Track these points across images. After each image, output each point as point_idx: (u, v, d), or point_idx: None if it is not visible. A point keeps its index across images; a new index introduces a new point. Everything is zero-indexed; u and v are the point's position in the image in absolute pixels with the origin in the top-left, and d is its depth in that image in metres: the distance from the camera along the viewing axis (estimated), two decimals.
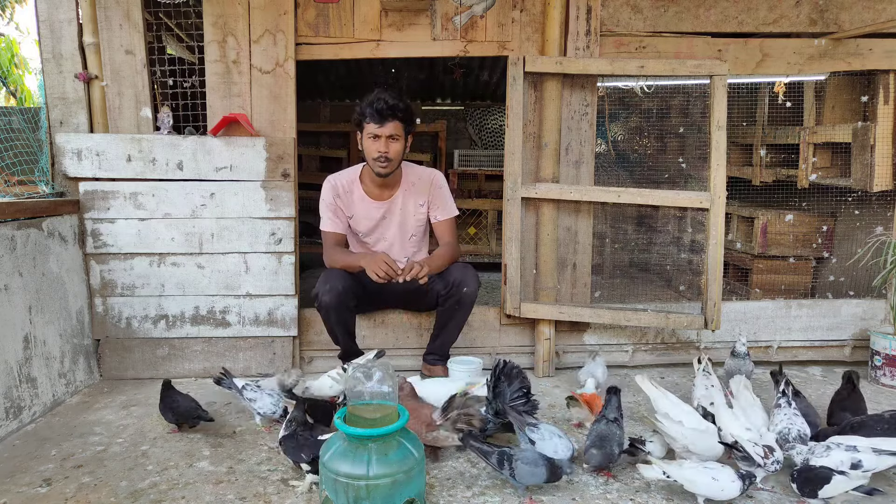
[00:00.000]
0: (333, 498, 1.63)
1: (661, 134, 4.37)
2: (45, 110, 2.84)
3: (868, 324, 3.12)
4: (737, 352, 2.68)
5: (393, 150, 2.64)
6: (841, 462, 1.86)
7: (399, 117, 2.62)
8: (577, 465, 2.02)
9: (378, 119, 2.59)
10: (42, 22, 2.80)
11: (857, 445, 1.91)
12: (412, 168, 2.88)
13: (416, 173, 2.87)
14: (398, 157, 2.69)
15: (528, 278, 3.02)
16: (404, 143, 2.69)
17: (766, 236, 3.73)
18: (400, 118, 2.62)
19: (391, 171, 2.70)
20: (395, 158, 2.67)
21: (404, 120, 2.64)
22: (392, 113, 2.59)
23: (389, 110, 2.59)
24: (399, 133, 2.64)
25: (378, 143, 2.63)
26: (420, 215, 2.87)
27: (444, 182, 2.89)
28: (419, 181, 2.85)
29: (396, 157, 2.67)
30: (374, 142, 2.64)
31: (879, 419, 2.08)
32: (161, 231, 2.87)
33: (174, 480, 1.99)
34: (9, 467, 2.07)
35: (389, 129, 2.61)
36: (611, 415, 2.04)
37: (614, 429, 2.00)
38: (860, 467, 1.84)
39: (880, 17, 2.95)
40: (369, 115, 2.61)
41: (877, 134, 3.06)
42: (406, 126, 2.67)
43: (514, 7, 2.93)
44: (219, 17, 2.86)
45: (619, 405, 2.09)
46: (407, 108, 2.65)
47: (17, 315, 2.41)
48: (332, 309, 2.65)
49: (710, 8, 2.94)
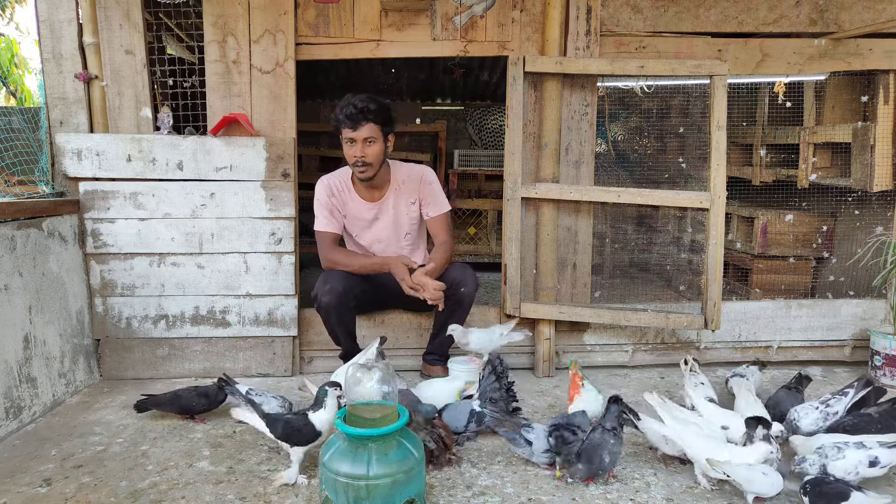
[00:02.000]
0: (333, 498, 1.63)
1: (661, 134, 4.38)
2: (45, 110, 2.84)
3: (868, 324, 3.12)
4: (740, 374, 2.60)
5: (371, 154, 2.61)
6: (859, 462, 1.82)
7: (372, 119, 2.57)
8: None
9: (351, 124, 2.56)
10: (42, 22, 2.80)
11: (863, 441, 1.88)
12: (400, 166, 2.86)
13: (405, 171, 2.85)
14: (377, 160, 2.65)
15: (528, 278, 3.02)
16: (383, 143, 2.65)
17: (766, 236, 3.73)
18: (373, 119, 2.57)
19: (372, 175, 2.68)
20: (375, 161, 2.64)
21: (379, 121, 2.59)
22: (363, 115, 2.55)
23: (360, 113, 2.55)
24: (375, 135, 2.60)
25: (354, 147, 2.60)
26: (413, 213, 2.87)
27: (433, 178, 2.87)
28: (409, 179, 2.83)
29: (375, 159, 2.63)
30: (351, 146, 2.61)
31: (870, 420, 2.07)
32: (161, 231, 2.87)
33: (174, 480, 1.99)
34: (9, 467, 2.07)
35: (364, 132, 2.57)
36: (608, 424, 1.94)
37: (608, 438, 1.91)
38: (878, 464, 1.82)
39: (880, 17, 2.95)
40: (342, 120, 2.58)
41: (877, 134, 3.06)
42: (383, 127, 2.62)
43: (514, 7, 2.93)
44: (219, 17, 2.86)
45: (619, 414, 1.96)
46: (380, 109, 2.60)
47: (17, 315, 2.41)
48: (332, 310, 2.65)
49: (710, 8, 2.94)
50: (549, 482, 1.98)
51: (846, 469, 1.82)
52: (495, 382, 2.33)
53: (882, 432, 1.98)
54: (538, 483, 1.97)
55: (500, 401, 2.30)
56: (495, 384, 2.33)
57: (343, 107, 2.58)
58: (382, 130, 2.63)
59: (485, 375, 2.38)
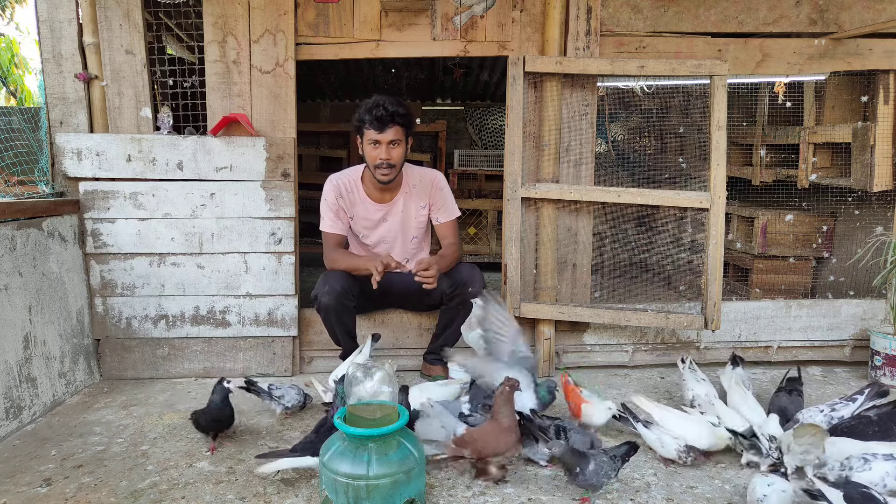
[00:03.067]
0: (333, 498, 1.63)
1: (661, 134, 4.38)
2: (45, 110, 2.84)
3: (868, 324, 3.12)
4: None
5: (395, 156, 2.63)
6: (887, 473, 1.75)
7: (399, 122, 2.59)
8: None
9: (378, 126, 2.57)
10: (42, 22, 2.80)
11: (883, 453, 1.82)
12: (412, 170, 2.87)
13: (417, 175, 2.86)
14: (400, 162, 2.68)
15: (528, 278, 3.02)
16: (405, 147, 2.69)
17: (766, 236, 3.73)
18: (400, 123, 2.60)
19: (394, 177, 2.70)
20: (398, 164, 2.67)
21: (405, 124, 2.63)
22: (392, 119, 2.57)
23: (390, 117, 2.57)
24: (400, 137, 2.63)
25: (379, 149, 2.61)
26: (421, 217, 2.87)
27: (445, 183, 2.88)
28: (420, 183, 2.84)
29: (399, 162, 2.67)
30: (375, 148, 2.62)
31: (869, 422, 2.04)
32: (161, 231, 2.87)
33: (174, 480, 1.99)
34: (9, 467, 2.07)
35: (390, 135, 2.59)
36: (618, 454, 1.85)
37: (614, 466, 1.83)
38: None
39: (880, 17, 2.95)
40: (369, 122, 2.58)
41: (877, 134, 3.06)
42: (407, 130, 2.65)
43: (514, 7, 2.93)
44: (219, 17, 2.86)
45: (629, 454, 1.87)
46: (407, 113, 2.63)
47: (17, 315, 2.41)
48: (331, 310, 2.65)
49: (710, 8, 2.94)
50: (549, 482, 1.98)
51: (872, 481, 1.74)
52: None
53: (880, 436, 1.96)
54: (538, 483, 1.97)
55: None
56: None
57: (371, 108, 2.58)
58: (406, 133, 2.65)
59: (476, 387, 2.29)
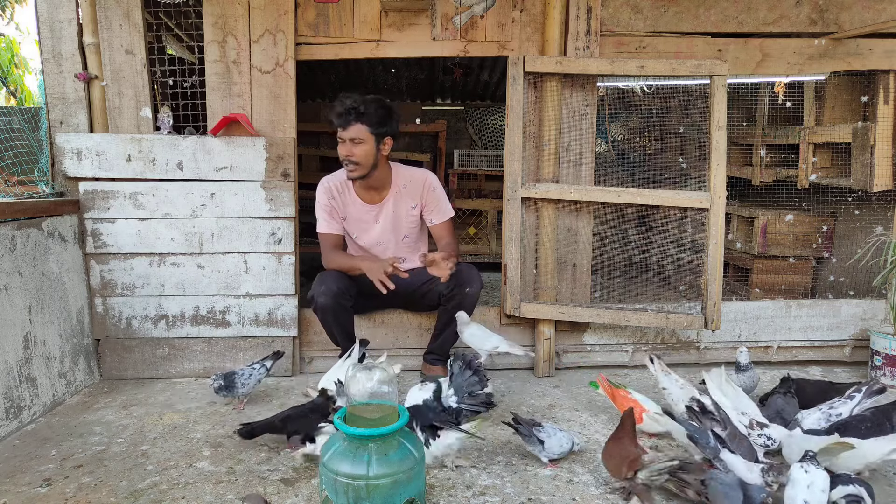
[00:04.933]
0: (333, 498, 1.63)
1: (661, 134, 4.38)
2: (45, 110, 2.84)
3: (868, 324, 3.12)
4: (742, 365, 2.57)
5: (358, 154, 2.60)
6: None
7: (360, 119, 2.57)
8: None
9: (340, 122, 2.59)
10: (42, 22, 2.80)
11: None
12: (402, 170, 2.85)
13: (407, 175, 2.84)
14: (366, 160, 2.63)
15: (528, 278, 3.02)
16: (374, 145, 2.63)
17: (766, 236, 3.73)
18: (361, 120, 2.57)
19: (361, 174, 2.67)
20: (363, 161, 2.62)
21: (368, 122, 2.58)
22: (350, 115, 2.56)
23: (346, 112, 2.56)
24: (362, 136, 2.59)
25: (343, 146, 2.62)
26: (412, 217, 2.86)
27: (437, 184, 2.86)
28: (411, 183, 2.83)
29: (363, 159, 2.62)
30: (341, 145, 2.63)
31: (863, 419, 2.06)
32: (161, 231, 2.87)
33: (174, 480, 1.99)
34: (9, 467, 2.07)
35: (351, 132, 2.58)
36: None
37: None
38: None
39: (880, 17, 2.95)
40: (334, 118, 2.60)
41: (877, 134, 3.06)
42: (372, 128, 2.60)
43: (514, 7, 2.93)
44: (219, 17, 2.86)
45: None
46: (371, 111, 2.58)
47: (17, 315, 2.41)
48: (328, 310, 2.65)
49: (710, 8, 2.94)
50: (549, 482, 1.98)
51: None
52: (473, 376, 2.32)
53: (872, 430, 1.97)
54: (538, 483, 1.97)
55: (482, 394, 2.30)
56: (473, 378, 2.32)
57: (335, 105, 2.61)
58: (374, 132, 2.61)
59: (456, 372, 2.35)
